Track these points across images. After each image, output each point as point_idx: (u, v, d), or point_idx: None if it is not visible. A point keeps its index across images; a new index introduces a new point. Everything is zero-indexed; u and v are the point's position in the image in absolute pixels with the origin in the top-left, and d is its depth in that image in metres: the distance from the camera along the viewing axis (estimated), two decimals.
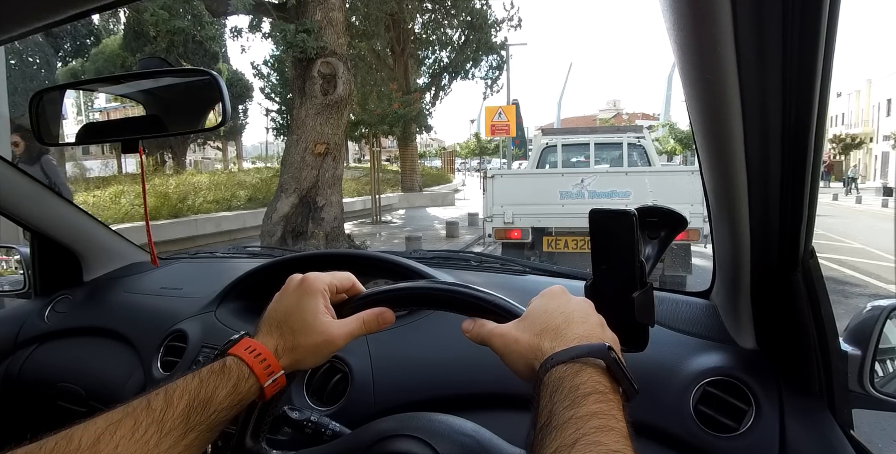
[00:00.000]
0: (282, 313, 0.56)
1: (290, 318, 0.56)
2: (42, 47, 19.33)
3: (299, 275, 0.59)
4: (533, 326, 0.51)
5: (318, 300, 0.57)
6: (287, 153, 8.01)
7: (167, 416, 0.46)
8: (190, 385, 0.49)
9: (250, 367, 0.52)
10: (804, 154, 0.53)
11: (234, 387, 0.50)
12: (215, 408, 0.49)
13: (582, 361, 0.46)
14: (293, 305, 0.56)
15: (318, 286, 0.58)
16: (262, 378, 0.52)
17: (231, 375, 0.51)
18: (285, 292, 0.58)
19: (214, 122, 0.93)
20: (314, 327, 0.55)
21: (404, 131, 16.69)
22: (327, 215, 7.80)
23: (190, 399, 0.48)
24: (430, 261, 1.20)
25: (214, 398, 0.49)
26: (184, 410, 0.47)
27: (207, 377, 0.50)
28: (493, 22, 18.64)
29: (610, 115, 62.83)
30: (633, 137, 6.85)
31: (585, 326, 0.50)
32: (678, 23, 0.47)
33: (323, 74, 7.52)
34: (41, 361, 1.33)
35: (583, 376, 0.45)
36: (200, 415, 0.47)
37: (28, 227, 1.39)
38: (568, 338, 0.49)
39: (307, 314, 0.56)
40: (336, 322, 0.57)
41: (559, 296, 0.55)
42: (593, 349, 0.47)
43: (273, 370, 0.53)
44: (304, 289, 0.57)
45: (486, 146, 35.92)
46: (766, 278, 0.69)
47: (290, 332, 0.55)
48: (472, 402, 0.81)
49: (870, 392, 0.73)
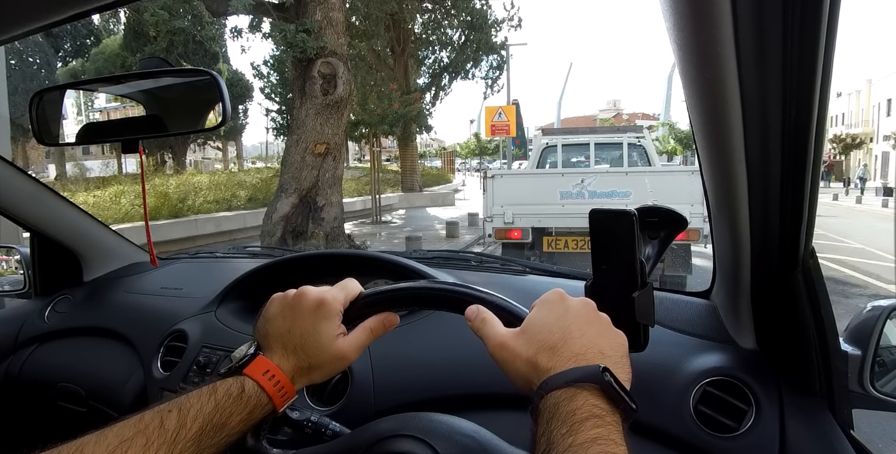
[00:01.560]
0: (298, 337, 0.56)
1: (307, 343, 0.55)
2: (42, 47, 19.34)
3: (313, 294, 0.57)
4: (531, 342, 0.50)
5: (334, 323, 0.57)
6: (287, 153, 8.01)
7: (179, 438, 0.46)
8: (205, 407, 0.49)
9: (269, 396, 0.52)
10: (804, 154, 0.53)
11: (249, 413, 0.51)
12: (228, 432, 0.49)
13: (577, 385, 0.45)
14: (310, 329, 0.56)
15: (335, 309, 0.57)
16: (279, 404, 0.53)
17: (249, 403, 0.51)
18: (298, 311, 0.57)
19: (214, 122, 0.94)
20: (331, 351, 0.56)
21: (404, 131, 16.68)
22: (327, 215, 7.80)
23: (203, 422, 0.48)
24: (430, 261, 1.20)
25: (228, 423, 0.49)
26: (196, 433, 0.47)
27: (224, 401, 0.50)
28: (493, 22, 18.64)
29: (610, 115, 62.86)
30: (633, 137, 6.86)
31: (583, 340, 0.49)
32: (678, 23, 0.47)
33: (323, 74, 7.52)
34: (41, 361, 1.33)
35: (578, 401, 0.44)
36: (212, 438, 0.48)
37: (28, 226, 1.39)
38: (564, 358, 0.48)
39: (324, 339, 0.56)
40: (347, 339, 0.57)
41: (557, 305, 0.53)
42: (587, 373, 0.45)
43: (289, 396, 0.54)
44: (322, 314, 0.56)
45: (486, 146, 35.93)
46: (766, 278, 0.69)
47: (305, 356, 0.55)
48: (473, 402, 0.81)
49: (870, 392, 0.73)
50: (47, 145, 1.03)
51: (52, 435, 0.46)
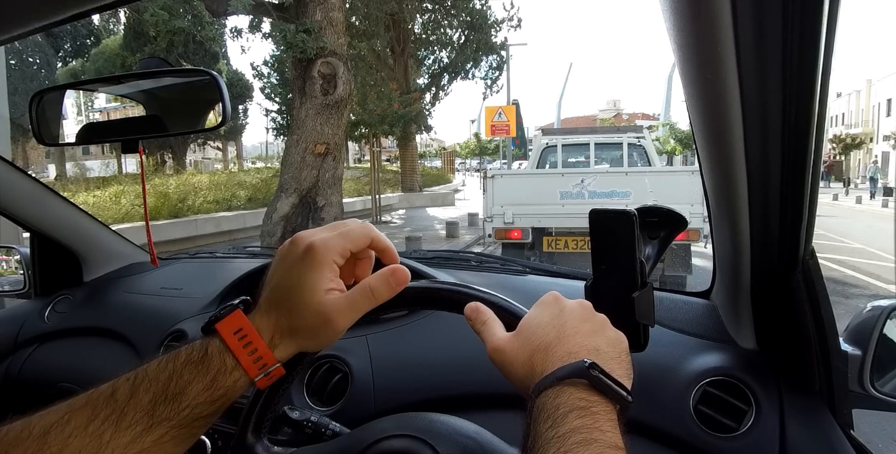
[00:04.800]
0: (282, 289, 0.47)
1: (291, 296, 0.46)
2: (42, 47, 19.34)
3: (306, 239, 0.47)
4: (526, 344, 0.50)
5: (322, 274, 0.46)
6: (287, 153, 7.99)
7: (128, 408, 0.41)
8: (160, 375, 0.43)
9: (236, 358, 0.44)
10: (804, 154, 0.53)
11: (211, 381, 0.43)
12: (188, 403, 0.42)
13: (564, 382, 0.45)
14: (293, 281, 0.46)
15: (325, 258, 0.46)
16: (252, 371, 0.45)
17: (210, 368, 0.44)
18: (288, 259, 0.48)
19: (215, 123, 0.93)
20: (313, 307, 0.46)
21: (404, 131, 16.67)
22: (327, 215, 7.78)
23: (157, 392, 0.42)
24: (431, 261, 1.20)
25: (187, 392, 0.43)
26: (148, 403, 0.42)
27: (182, 368, 0.43)
28: (492, 22, 18.66)
29: (610, 115, 62.90)
30: (633, 137, 6.85)
31: (576, 339, 0.49)
32: (678, 23, 0.47)
33: (323, 74, 7.52)
34: (41, 361, 1.33)
35: (563, 397, 0.44)
36: (168, 409, 0.42)
37: (28, 226, 1.39)
38: (555, 358, 0.47)
39: (307, 291, 0.46)
40: (338, 297, 0.47)
41: (552, 306, 0.52)
42: (573, 369, 0.45)
43: (266, 362, 0.45)
44: (308, 262, 0.46)
45: (486, 146, 35.95)
46: (766, 278, 0.69)
47: (287, 313, 0.46)
48: (473, 403, 0.81)
49: (870, 392, 0.73)
50: (47, 145, 1.03)
51: None
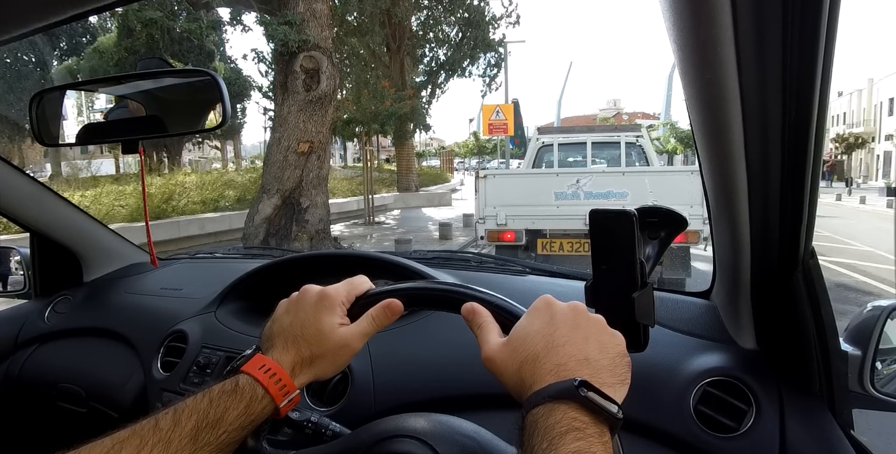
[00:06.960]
0: (298, 327, 0.56)
1: (307, 332, 0.55)
2: (37, 46, 19.28)
3: (315, 289, 0.59)
4: (514, 356, 0.49)
5: (335, 314, 0.57)
6: (269, 152, 7.52)
7: (174, 436, 0.46)
8: (200, 405, 0.49)
9: (265, 388, 0.52)
10: (804, 154, 0.53)
11: (245, 407, 0.50)
12: (225, 428, 0.49)
13: (554, 401, 0.44)
14: (310, 319, 0.56)
15: (336, 301, 0.57)
16: (278, 398, 0.52)
17: (243, 396, 0.50)
18: (300, 305, 0.58)
19: (214, 123, 0.94)
20: (333, 338, 0.55)
21: (399, 130, 16.41)
22: (312, 217, 7.40)
23: (199, 419, 0.48)
24: (430, 261, 1.20)
25: (225, 419, 0.49)
26: (192, 430, 0.47)
27: (218, 397, 0.50)
28: (490, 19, 18.46)
29: (610, 114, 62.96)
30: (631, 136, 6.76)
31: (566, 349, 0.48)
32: (678, 23, 0.47)
33: (306, 69, 7.07)
34: (41, 362, 1.33)
35: (556, 415, 0.43)
36: (209, 435, 0.47)
37: (28, 227, 1.39)
38: (543, 371, 0.47)
39: (325, 327, 0.56)
40: (350, 328, 0.57)
41: (543, 313, 0.52)
42: (561, 389, 0.45)
43: (288, 390, 0.53)
44: (322, 306, 0.57)
45: (484, 145, 35.95)
46: (767, 278, 0.69)
47: (306, 346, 0.55)
48: (473, 403, 0.81)
49: (870, 392, 0.73)
50: (47, 145, 1.03)
51: (52, 435, 0.46)
